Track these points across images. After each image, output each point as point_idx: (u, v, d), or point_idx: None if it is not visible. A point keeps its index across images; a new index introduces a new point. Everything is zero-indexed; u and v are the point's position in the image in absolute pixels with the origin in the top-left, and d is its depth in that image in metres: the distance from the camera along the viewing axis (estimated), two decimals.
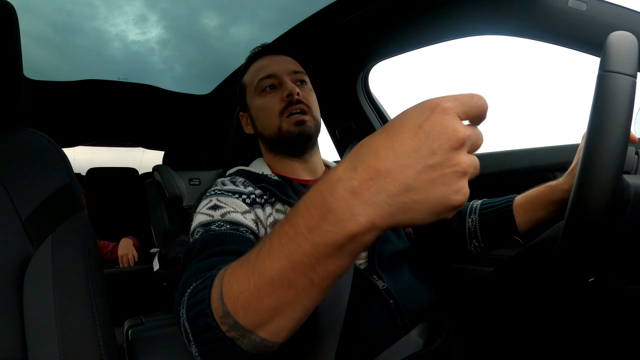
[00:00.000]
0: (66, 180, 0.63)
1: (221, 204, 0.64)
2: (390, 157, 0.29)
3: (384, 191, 0.29)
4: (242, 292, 0.36)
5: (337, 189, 0.30)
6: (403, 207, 0.29)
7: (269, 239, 0.36)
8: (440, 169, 0.29)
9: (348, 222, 0.30)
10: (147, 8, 1.43)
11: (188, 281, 0.49)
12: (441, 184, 0.29)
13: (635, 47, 0.33)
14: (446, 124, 0.29)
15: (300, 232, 0.32)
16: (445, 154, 0.29)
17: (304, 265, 0.32)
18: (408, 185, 0.29)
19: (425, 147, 0.29)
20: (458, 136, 0.29)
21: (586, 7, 0.77)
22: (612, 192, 0.29)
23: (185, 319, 0.44)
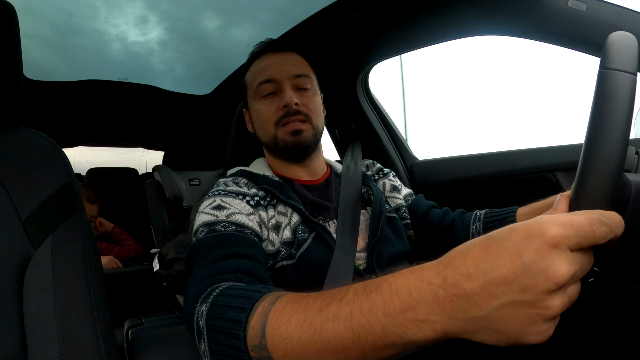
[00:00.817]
0: (66, 180, 0.63)
1: (225, 204, 0.64)
2: (480, 282, 0.29)
3: (464, 311, 0.29)
4: (289, 338, 0.36)
5: (424, 291, 0.31)
6: (478, 329, 0.30)
7: (337, 301, 0.36)
8: (527, 307, 0.28)
9: (424, 324, 0.30)
10: (147, 9, 1.43)
11: (208, 281, 0.49)
12: (523, 322, 0.28)
13: (636, 46, 0.33)
14: (549, 262, 0.27)
15: (376, 313, 0.32)
16: (537, 296, 0.27)
17: (367, 343, 0.33)
18: (488, 314, 0.29)
19: (518, 282, 0.28)
20: (558, 280, 0.27)
21: (586, 7, 0.77)
22: (612, 188, 0.29)
23: (205, 321, 0.44)
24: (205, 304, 0.45)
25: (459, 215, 0.83)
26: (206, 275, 0.50)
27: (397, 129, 1.45)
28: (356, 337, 0.33)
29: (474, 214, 0.82)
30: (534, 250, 0.28)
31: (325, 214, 0.72)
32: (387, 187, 0.88)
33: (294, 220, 0.67)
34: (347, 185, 0.78)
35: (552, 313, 0.28)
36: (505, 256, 0.29)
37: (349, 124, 1.44)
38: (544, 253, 0.27)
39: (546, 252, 0.27)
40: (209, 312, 0.44)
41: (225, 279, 0.49)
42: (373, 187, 0.80)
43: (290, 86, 0.74)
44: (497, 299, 0.28)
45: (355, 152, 0.90)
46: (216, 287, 0.47)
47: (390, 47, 1.24)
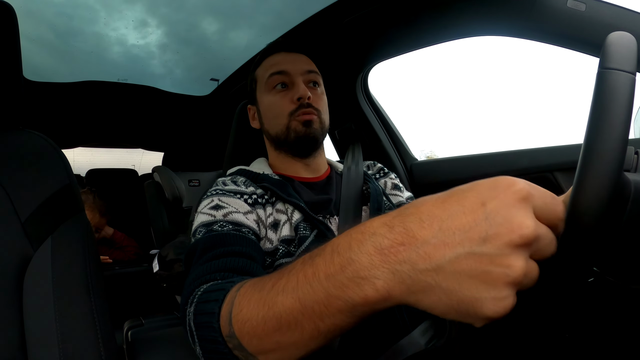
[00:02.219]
0: (66, 181, 0.63)
1: (223, 204, 0.64)
2: (433, 228, 0.25)
3: (411, 262, 0.26)
4: (249, 319, 0.36)
5: (366, 243, 0.28)
6: (426, 288, 0.25)
7: (287, 273, 0.34)
8: (486, 262, 0.24)
9: (364, 281, 0.27)
10: (147, 13, 1.43)
11: (196, 281, 0.49)
12: (480, 281, 0.24)
13: (635, 46, 0.33)
14: (514, 213, 0.24)
15: (317, 276, 0.30)
16: (500, 248, 0.24)
17: (314, 312, 0.31)
18: (439, 267, 0.25)
19: (479, 229, 0.24)
20: (523, 232, 0.24)
21: (585, 7, 0.77)
22: (612, 187, 0.29)
23: (192, 321, 0.44)
24: (192, 305, 0.46)
25: None
26: (196, 276, 0.51)
27: (396, 130, 1.45)
28: (303, 307, 0.31)
29: None
30: (500, 200, 0.24)
31: (326, 211, 0.73)
32: (389, 185, 0.88)
33: (295, 218, 0.67)
34: (348, 183, 0.78)
35: (513, 275, 0.24)
36: (465, 204, 0.25)
37: (349, 124, 1.44)
38: (510, 203, 0.24)
39: (512, 203, 0.24)
40: (195, 311, 0.44)
41: (212, 278, 0.49)
42: (372, 184, 0.80)
43: (302, 81, 0.75)
44: (452, 249, 0.24)
45: (356, 153, 0.90)
46: (202, 286, 0.48)
47: (390, 48, 1.24)
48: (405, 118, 19.59)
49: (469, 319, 0.25)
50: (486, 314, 0.24)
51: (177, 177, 1.80)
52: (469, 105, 39.37)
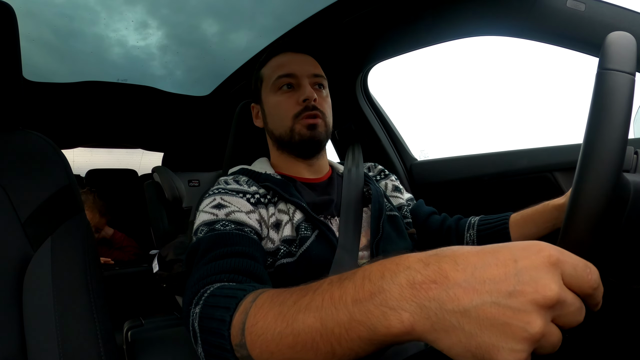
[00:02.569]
0: (65, 181, 0.63)
1: (225, 203, 0.64)
2: (466, 273, 0.27)
3: (440, 300, 0.27)
4: (265, 333, 0.36)
5: (399, 275, 0.29)
6: (449, 327, 0.26)
7: (312, 292, 0.34)
8: (508, 314, 0.25)
9: (391, 311, 0.28)
10: (147, 14, 1.44)
11: (202, 282, 0.49)
12: (500, 331, 0.25)
13: (634, 46, 0.33)
14: (542, 275, 0.25)
15: (344, 300, 0.31)
16: (524, 304, 0.25)
17: (333, 335, 0.31)
18: (466, 310, 0.26)
19: (508, 283, 0.26)
20: (547, 294, 0.25)
21: (585, 7, 0.77)
22: (611, 188, 0.29)
23: (197, 323, 0.44)
24: (198, 306, 0.45)
25: (455, 222, 0.84)
26: (201, 277, 0.50)
27: (396, 130, 1.45)
28: (323, 328, 0.31)
29: (468, 221, 0.83)
30: (530, 260, 0.26)
31: (327, 212, 0.73)
32: (389, 187, 0.88)
33: (297, 218, 0.67)
34: (349, 184, 0.78)
35: (531, 331, 0.25)
36: (499, 258, 0.27)
37: (348, 125, 1.44)
38: (539, 266, 0.26)
39: (541, 266, 0.26)
40: (201, 313, 0.44)
41: (218, 279, 0.49)
42: (373, 186, 0.80)
43: (309, 84, 0.76)
44: (480, 296, 0.26)
45: (356, 154, 0.90)
46: (208, 288, 0.47)
47: (390, 48, 1.24)
48: (405, 118, 19.62)
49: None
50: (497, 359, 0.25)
51: (176, 178, 1.79)
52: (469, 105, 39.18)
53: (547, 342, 0.26)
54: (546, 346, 0.26)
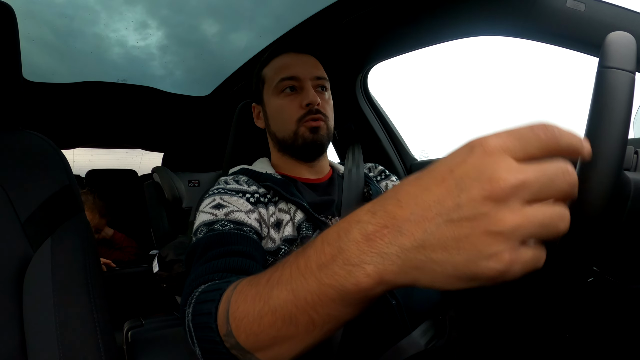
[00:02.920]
0: (65, 182, 0.63)
1: (225, 203, 0.64)
2: (411, 206, 0.25)
3: (397, 243, 0.26)
4: (246, 316, 0.36)
5: (352, 231, 0.28)
6: (418, 264, 0.25)
7: (281, 267, 0.34)
8: (466, 225, 0.23)
9: (355, 268, 0.27)
10: (147, 15, 1.44)
11: (195, 282, 0.49)
12: (467, 244, 0.23)
13: (634, 45, 0.33)
14: (483, 169, 0.23)
15: (310, 267, 0.31)
16: (475, 207, 0.23)
17: (307, 303, 0.31)
18: (424, 241, 0.25)
19: (451, 197, 0.24)
20: (496, 185, 0.23)
21: (584, 7, 0.77)
22: (612, 185, 0.29)
23: (191, 322, 0.44)
24: (190, 306, 0.45)
25: None
26: (195, 277, 0.50)
27: (396, 130, 1.45)
28: (296, 298, 0.31)
29: None
30: (466, 163, 0.24)
31: (328, 212, 0.73)
32: (390, 188, 0.88)
33: (298, 218, 0.67)
34: (349, 185, 0.78)
35: (499, 228, 0.22)
36: (436, 176, 0.25)
37: (348, 125, 1.44)
38: (477, 163, 0.23)
39: (480, 161, 0.23)
40: (193, 312, 0.44)
41: (210, 279, 0.49)
42: (373, 186, 0.80)
43: (312, 86, 0.76)
44: (431, 221, 0.24)
45: (356, 154, 0.90)
46: (200, 287, 0.47)
47: (390, 48, 1.24)
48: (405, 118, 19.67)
49: (472, 283, 0.25)
50: (484, 272, 0.23)
51: (176, 178, 1.79)
52: (469, 105, 39.15)
53: (533, 226, 0.23)
54: (537, 230, 0.23)
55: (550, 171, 0.23)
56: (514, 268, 0.23)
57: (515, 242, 0.23)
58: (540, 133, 0.24)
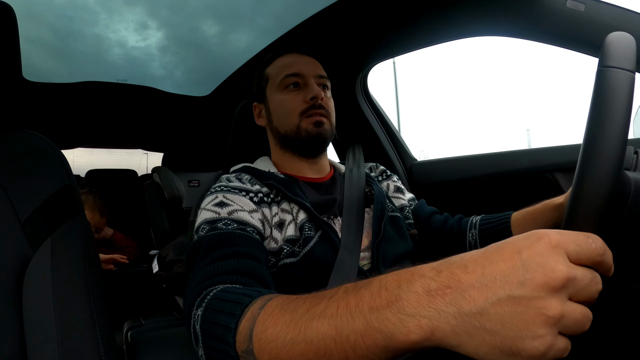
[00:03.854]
0: (65, 182, 0.63)
1: (228, 201, 0.63)
2: (477, 274, 0.28)
3: (457, 305, 0.27)
4: (275, 340, 0.36)
5: (415, 283, 0.29)
6: (471, 330, 0.27)
7: (326, 300, 0.34)
8: (524, 303, 0.26)
9: (410, 318, 0.28)
10: (147, 15, 1.44)
11: (205, 283, 0.49)
12: (519, 321, 0.26)
13: (634, 45, 0.33)
14: (547, 259, 0.27)
15: (361, 307, 0.31)
16: (535, 290, 0.26)
17: (348, 342, 0.31)
18: (483, 309, 0.27)
19: (517, 274, 0.27)
20: (557, 275, 0.26)
21: (584, 7, 0.77)
22: (612, 184, 0.29)
23: (200, 325, 0.44)
24: (200, 308, 0.45)
25: (457, 222, 0.84)
26: (204, 277, 0.50)
27: (396, 130, 1.45)
28: (338, 335, 0.31)
29: (469, 220, 0.82)
30: (533, 249, 0.27)
31: (330, 212, 0.73)
32: (391, 188, 0.88)
33: (300, 218, 0.67)
34: (351, 185, 0.78)
35: (550, 314, 0.26)
36: (504, 253, 0.28)
37: (348, 125, 1.44)
38: (542, 251, 0.27)
39: (544, 251, 0.27)
40: (203, 316, 0.44)
41: (221, 280, 0.49)
42: (375, 186, 0.80)
43: (315, 83, 0.77)
44: (494, 293, 0.27)
45: (357, 154, 0.90)
46: (211, 289, 0.47)
47: (390, 48, 1.24)
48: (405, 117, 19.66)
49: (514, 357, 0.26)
50: (527, 350, 0.26)
51: (176, 178, 1.79)
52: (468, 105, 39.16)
53: (570, 320, 0.27)
54: (572, 325, 0.27)
55: (589, 276, 0.28)
56: (550, 353, 0.26)
57: (557, 330, 0.26)
58: (593, 244, 0.28)
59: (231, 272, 0.51)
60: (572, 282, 0.27)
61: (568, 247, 0.27)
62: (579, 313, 0.27)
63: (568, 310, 0.27)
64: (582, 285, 0.27)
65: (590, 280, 0.28)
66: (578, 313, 0.27)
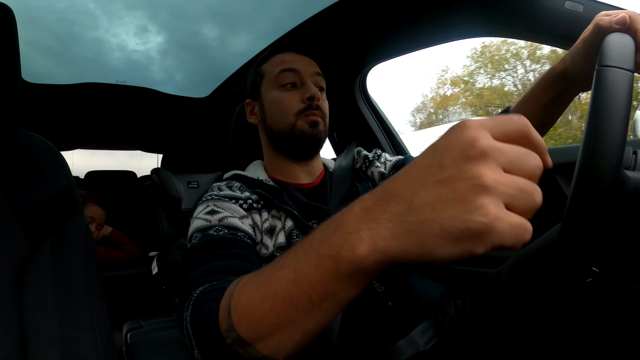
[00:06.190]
0: (64, 183, 0.63)
1: (218, 209, 0.64)
2: (402, 178, 0.28)
3: (389, 210, 0.27)
4: (247, 304, 0.36)
5: (354, 207, 0.30)
6: (408, 228, 0.26)
7: (287, 251, 0.35)
8: (451, 182, 0.25)
9: (351, 235, 0.29)
10: (147, 19, 1.44)
11: (192, 285, 0.49)
12: (453, 200, 0.25)
13: (632, 44, 0.33)
14: (463, 136, 0.26)
15: (313, 244, 0.32)
16: (458, 166, 0.25)
17: (306, 280, 0.31)
18: (413, 203, 0.26)
19: (436, 162, 0.26)
20: (476, 145, 0.25)
21: (583, 8, 0.77)
22: (612, 182, 0.29)
23: (189, 324, 0.44)
24: (189, 308, 0.45)
25: None
26: (192, 280, 0.50)
27: (395, 131, 1.45)
28: (297, 276, 0.32)
29: None
30: (449, 136, 0.27)
31: (319, 218, 0.72)
32: (377, 177, 0.85)
33: (288, 225, 0.67)
34: (338, 185, 0.77)
35: (481, 182, 0.24)
36: (424, 153, 0.28)
37: (347, 126, 1.45)
38: (457, 133, 0.26)
39: (459, 132, 0.26)
40: (191, 313, 0.44)
41: (208, 280, 0.49)
42: (361, 185, 0.79)
43: (312, 82, 0.75)
44: (419, 186, 0.26)
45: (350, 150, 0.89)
46: (198, 289, 0.47)
47: (388, 49, 1.24)
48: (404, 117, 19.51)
49: (463, 244, 0.25)
50: (471, 228, 0.24)
51: (175, 179, 1.80)
52: None
53: (512, 189, 0.25)
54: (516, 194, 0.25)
55: (521, 151, 0.26)
56: (500, 225, 0.24)
57: (498, 199, 0.24)
58: (515, 118, 0.27)
59: (218, 271, 0.51)
60: (498, 151, 0.25)
61: (486, 125, 0.26)
62: (521, 181, 0.25)
63: (504, 178, 0.25)
64: (514, 157, 0.26)
65: (523, 154, 0.26)
66: (519, 181, 0.25)
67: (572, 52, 0.58)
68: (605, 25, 0.46)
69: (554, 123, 0.67)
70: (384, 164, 0.86)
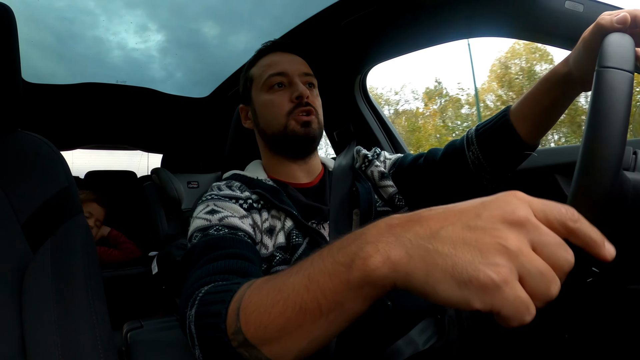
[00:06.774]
0: (64, 183, 0.63)
1: (219, 208, 0.64)
2: (438, 211, 0.29)
3: (414, 232, 0.28)
4: (258, 308, 0.36)
5: (380, 222, 0.31)
6: (423, 253, 0.27)
7: (305, 259, 0.36)
8: (479, 232, 0.26)
9: (369, 245, 0.29)
10: (147, 18, 1.45)
11: (196, 284, 0.49)
12: (475, 247, 0.26)
13: (632, 45, 0.33)
14: (508, 201, 0.27)
15: (332, 251, 0.33)
16: (492, 222, 0.26)
17: (318, 286, 0.32)
18: (437, 234, 0.27)
19: (475, 210, 0.27)
20: (516, 213, 0.26)
21: (583, 8, 0.77)
22: (611, 184, 0.29)
23: (193, 324, 0.44)
24: (193, 308, 0.45)
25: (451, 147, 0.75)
26: (195, 279, 0.50)
27: (394, 131, 1.45)
28: (310, 281, 0.32)
29: (464, 138, 0.73)
30: (498, 197, 0.28)
31: (319, 217, 0.72)
32: (376, 176, 0.83)
33: (288, 225, 0.67)
34: (337, 185, 0.77)
35: (507, 244, 0.25)
36: (470, 201, 0.29)
37: (347, 126, 1.45)
38: (507, 198, 0.27)
39: (508, 198, 0.27)
40: (196, 313, 0.44)
41: (212, 280, 0.49)
42: (360, 184, 0.78)
43: (300, 82, 0.75)
44: (451, 222, 0.27)
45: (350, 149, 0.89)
46: (203, 288, 0.47)
47: (388, 50, 1.24)
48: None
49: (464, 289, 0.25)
50: (480, 279, 0.25)
51: (175, 179, 1.79)
52: None
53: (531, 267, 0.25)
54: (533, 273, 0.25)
55: (557, 239, 0.26)
56: (506, 290, 0.24)
57: (514, 268, 0.25)
58: (563, 209, 0.27)
59: (221, 271, 0.51)
60: (534, 228, 0.26)
61: (533, 203, 0.27)
62: (543, 264, 0.25)
63: (529, 253, 0.25)
64: (546, 240, 0.26)
65: (557, 242, 0.26)
66: (541, 263, 0.25)
67: (574, 53, 0.57)
68: (606, 24, 0.46)
69: (554, 124, 0.66)
70: (384, 162, 0.85)
